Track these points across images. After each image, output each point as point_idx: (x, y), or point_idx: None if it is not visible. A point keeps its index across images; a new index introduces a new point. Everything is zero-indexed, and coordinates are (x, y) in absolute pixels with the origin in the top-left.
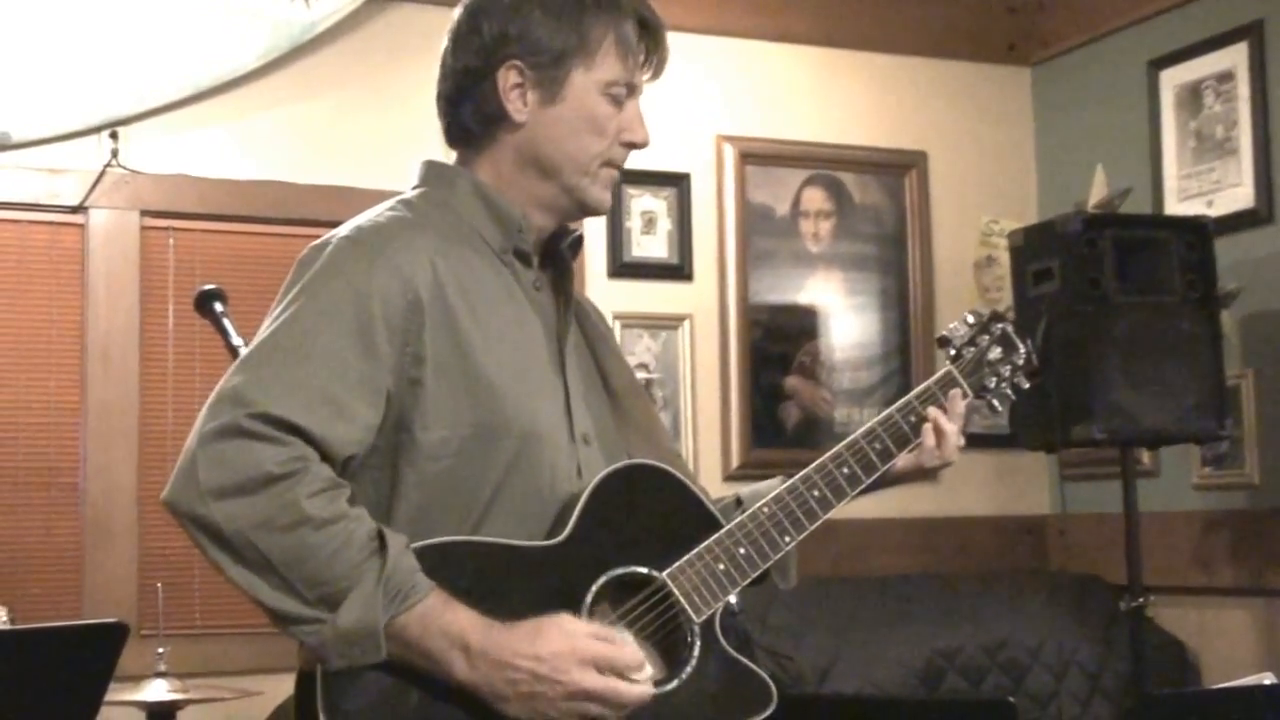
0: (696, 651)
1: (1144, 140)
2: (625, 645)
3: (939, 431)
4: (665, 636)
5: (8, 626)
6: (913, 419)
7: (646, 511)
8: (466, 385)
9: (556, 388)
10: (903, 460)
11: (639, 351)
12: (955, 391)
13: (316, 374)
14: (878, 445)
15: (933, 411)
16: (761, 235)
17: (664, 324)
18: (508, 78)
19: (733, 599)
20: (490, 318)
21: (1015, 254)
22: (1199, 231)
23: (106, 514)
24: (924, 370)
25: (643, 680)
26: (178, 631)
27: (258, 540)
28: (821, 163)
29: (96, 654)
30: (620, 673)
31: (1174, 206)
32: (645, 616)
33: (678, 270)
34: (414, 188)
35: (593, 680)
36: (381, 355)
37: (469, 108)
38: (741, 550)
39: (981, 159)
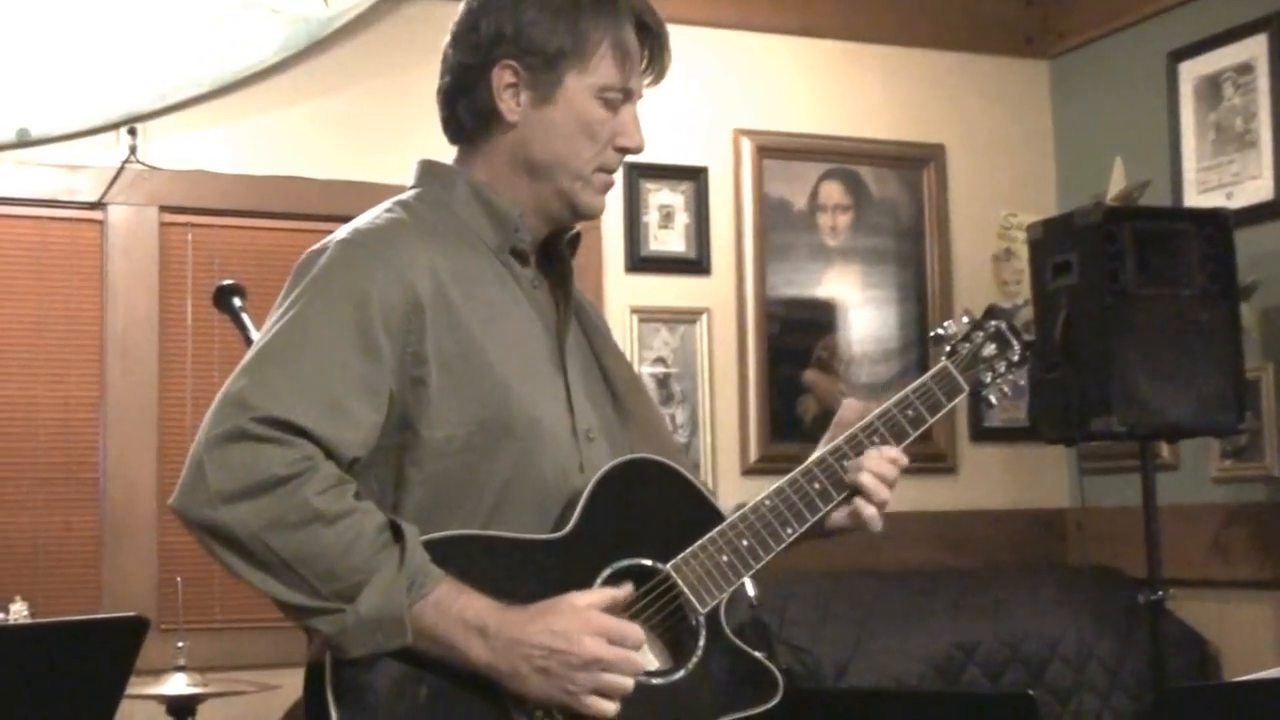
0: (702, 642)
1: (1163, 132)
2: (627, 621)
3: (868, 494)
4: (671, 628)
5: (28, 620)
6: (910, 413)
7: (649, 505)
8: (470, 383)
9: (557, 384)
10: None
11: (656, 346)
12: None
13: (319, 376)
14: (875, 440)
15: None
16: (779, 229)
17: (682, 318)
18: (502, 77)
19: (751, 591)
20: (490, 316)
21: (1034, 247)
22: (1218, 224)
23: (126, 509)
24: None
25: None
26: (197, 625)
27: (270, 540)
28: (839, 156)
29: (116, 648)
30: (627, 643)
31: (1193, 199)
32: (650, 608)
33: (695, 264)
34: (410, 188)
35: (604, 648)
36: (382, 356)
37: (464, 105)
38: (744, 542)
39: (1000, 152)
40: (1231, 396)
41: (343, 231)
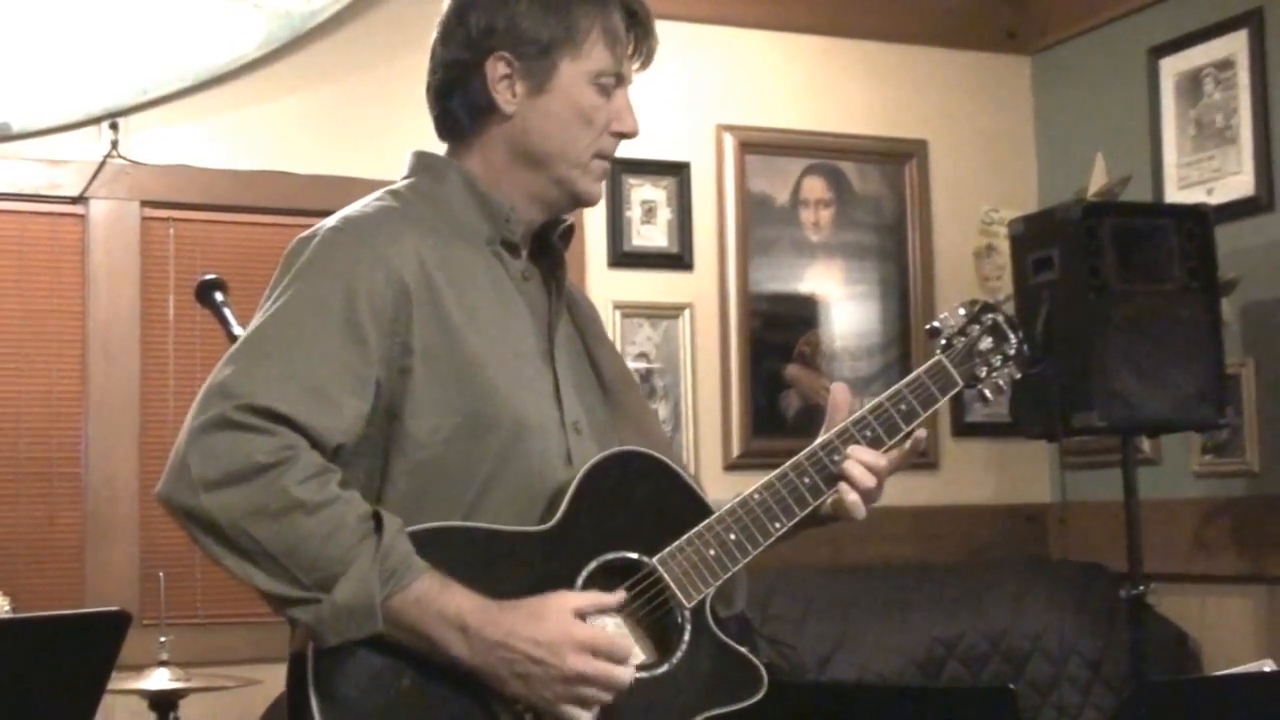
0: (687, 637)
1: (1144, 128)
2: (617, 632)
3: (853, 481)
4: (656, 622)
5: (10, 615)
6: (903, 407)
7: (637, 498)
8: (456, 374)
9: (545, 377)
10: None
11: (639, 341)
12: (855, 448)
13: (304, 364)
14: (868, 434)
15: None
16: (762, 224)
17: (664, 313)
18: (496, 69)
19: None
20: (478, 307)
21: (1015, 242)
22: (1199, 219)
23: (108, 504)
24: (923, 359)
25: (630, 666)
26: (179, 620)
27: (250, 528)
28: (821, 152)
29: (98, 643)
30: (613, 657)
31: (1174, 194)
32: (636, 602)
33: (678, 260)
34: (403, 179)
35: (587, 664)
36: (369, 345)
37: (458, 100)
38: (732, 536)
39: (981, 148)
40: (1212, 392)
41: (332, 219)
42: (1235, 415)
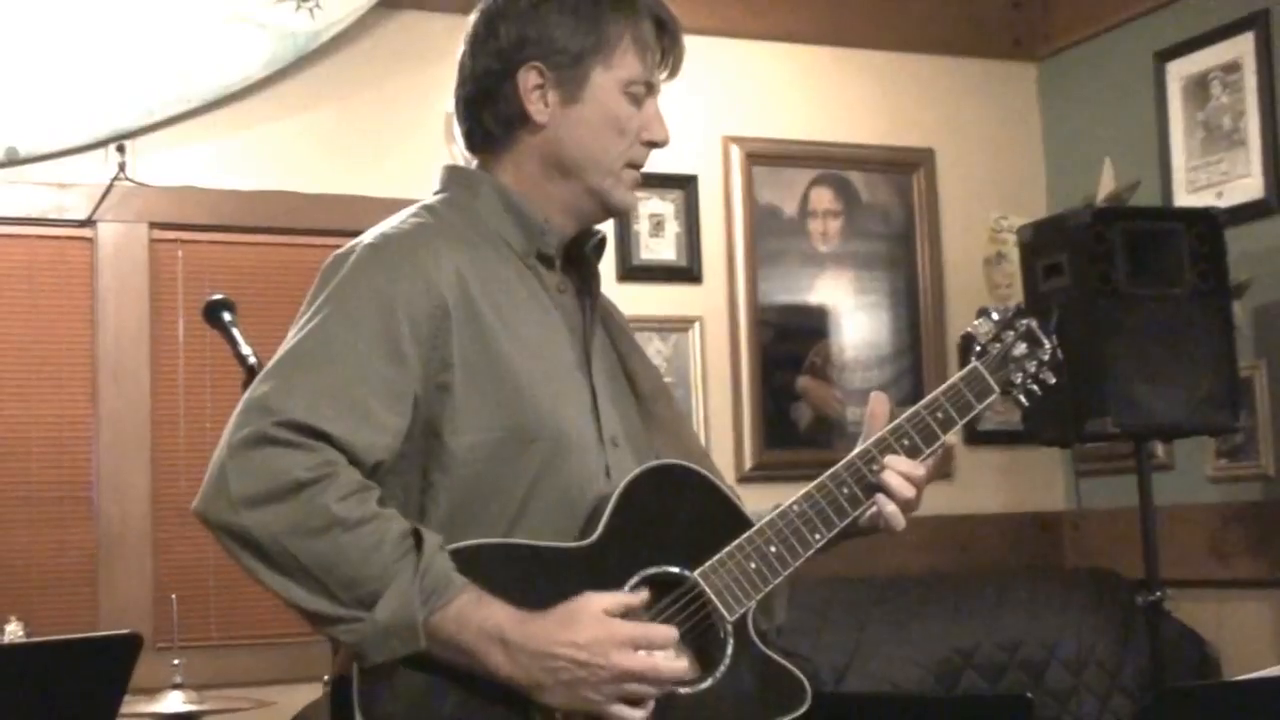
0: (730, 650)
1: (1152, 133)
2: (653, 623)
3: (891, 492)
4: (699, 636)
5: (23, 639)
6: (939, 415)
7: (677, 511)
8: (495, 390)
9: (583, 390)
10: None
11: (649, 354)
12: (892, 459)
13: (343, 381)
14: (906, 443)
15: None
16: (770, 236)
17: (674, 326)
18: (528, 79)
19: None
20: (516, 322)
21: (1025, 249)
22: (1209, 223)
23: (120, 526)
24: (934, 368)
25: (674, 657)
26: (193, 643)
27: (290, 546)
28: (829, 162)
29: (111, 665)
30: (654, 646)
31: (1183, 198)
32: (678, 616)
33: (686, 272)
34: (435, 193)
35: (633, 660)
36: (408, 361)
37: (490, 111)
38: (772, 548)
39: (989, 155)
40: (1225, 395)
41: (369, 235)
42: (1249, 419)
